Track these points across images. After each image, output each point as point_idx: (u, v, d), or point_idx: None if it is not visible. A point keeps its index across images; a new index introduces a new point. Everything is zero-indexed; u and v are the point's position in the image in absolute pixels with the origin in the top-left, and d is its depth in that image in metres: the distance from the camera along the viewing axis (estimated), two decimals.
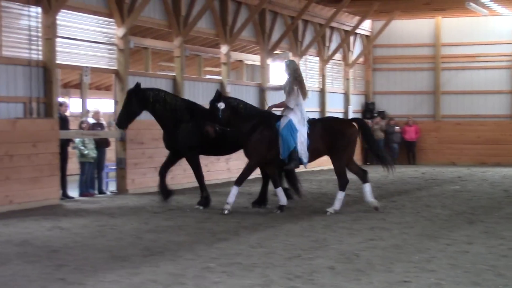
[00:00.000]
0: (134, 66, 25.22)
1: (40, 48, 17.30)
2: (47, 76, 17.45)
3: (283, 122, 15.25)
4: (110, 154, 20.93)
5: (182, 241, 12.14)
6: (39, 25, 17.26)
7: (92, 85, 28.69)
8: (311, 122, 15.65)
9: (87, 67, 19.13)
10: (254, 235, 12.76)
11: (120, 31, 19.80)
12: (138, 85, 16.07)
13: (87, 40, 19.19)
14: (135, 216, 15.13)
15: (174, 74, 22.69)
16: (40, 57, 17.30)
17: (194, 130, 16.15)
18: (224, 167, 23.46)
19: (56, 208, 16.32)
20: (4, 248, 11.30)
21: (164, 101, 16.34)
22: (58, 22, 17.68)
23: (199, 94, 23.87)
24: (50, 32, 17.35)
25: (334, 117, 19.95)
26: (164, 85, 21.98)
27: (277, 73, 29.13)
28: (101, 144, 19.50)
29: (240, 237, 12.61)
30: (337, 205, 15.49)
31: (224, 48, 24.74)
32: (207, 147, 16.47)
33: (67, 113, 20.30)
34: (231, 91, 25.03)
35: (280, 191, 15.77)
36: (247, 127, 15.39)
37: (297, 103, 15.44)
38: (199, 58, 27.18)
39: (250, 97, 26.56)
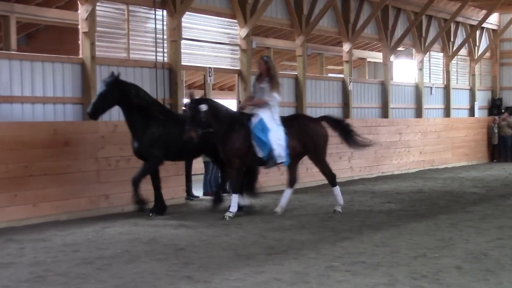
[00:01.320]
0: (256, 66, 25.44)
1: (165, 50, 17.74)
2: (172, 77, 17.90)
3: (254, 121, 14.73)
4: None
5: (306, 239, 12.15)
6: (165, 27, 17.70)
7: (216, 86, 29.12)
8: (284, 121, 15.19)
9: (210, 68, 19.48)
10: (378, 234, 12.66)
11: (242, 32, 20.08)
12: (118, 75, 14.42)
13: (210, 42, 19.56)
14: (259, 215, 15.22)
15: (296, 73, 22.84)
16: (166, 59, 17.74)
17: (164, 135, 14.90)
18: (347, 166, 23.37)
19: (182, 207, 16.61)
20: (133, 246, 11.55)
21: (143, 98, 14.80)
22: (182, 24, 18.08)
23: (321, 93, 23.94)
24: (175, 34, 17.77)
25: (305, 116, 18.44)
26: (286, 84, 22.18)
27: (400, 70, 28.92)
28: None
29: (363, 235, 12.52)
30: (340, 200, 15.56)
31: (346, 46, 24.69)
32: (172, 152, 15.22)
33: None
34: (354, 89, 24.98)
35: (235, 197, 14.85)
36: (223, 129, 14.53)
37: (273, 100, 14.95)
38: (321, 56, 27.25)
39: (373, 95, 26.50)
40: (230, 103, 25.30)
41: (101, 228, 13.36)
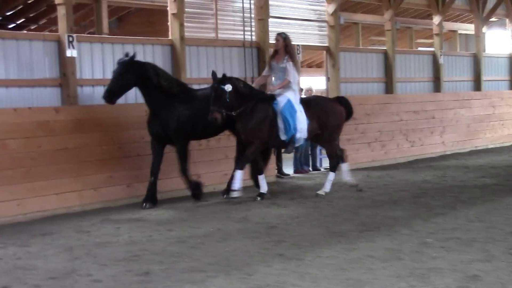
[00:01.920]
0: (344, 42, 25.30)
1: (253, 29, 17.79)
2: (260, 56, 17.90)
3: (281, 102, 14.09)
4: None
5: (398, 216, 12.09)
6: (252, 6, 17.74)
7: (304, 63, 29.09)
8: (301, 102, 14.53)
9: (298, 45, 19.43)
10: (472, 209, 12.52)
11: (330, 8, 19.96)
12: (134, 55, 13.51)
13: (298, 19, 19.51)
14: (350, 192, 15.16)
15: (385, 48, 22.58)
16: (254, 37, 17.78)
17: (192, 115, 14.00)
18: (439, 141, 23.07)
19: (273, 185, 16.62)
20: (225, 225, 11.69)
21: (163, 77, 13.86)
22: (270, 2, 18.06)
23: (411, 67, 23.63)
24: (263, 13, 17.76)
25: (323, 97, 17.77)
26: (376, 60, 22.04)
27: (493, 41, 28.30)
28: None
29: (457, 211, 12.41)
30: (328, 186, 14.76)
31: (436, 19, 24.26)
32: (198, 131, 14.33)
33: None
34: (445, 63, 24.58)
35: (262, 178, 14.51)
36: (248, 109, 13.90)
37: (296, 80, 14.49)
38: (410, 30, 26.87)
39: (464, 68, 26.03)
40: (319, 80, 25.35)
41: (194, 207, 13.56)
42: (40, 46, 13.72)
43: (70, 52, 13.77)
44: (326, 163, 20.15)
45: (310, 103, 14.73)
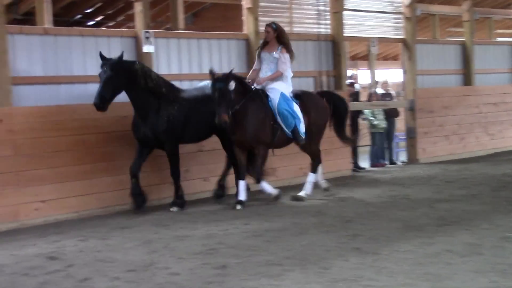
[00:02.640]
0: (421, 34, 24.97)
1: (328, 22, 17.72)
2: (335, 49, 17.85)
3: (274, 97, 13.00)
4: (400, 124, 20.99)
5: (478, 210, 11.90)
6: (327, 3, 17.69)
7: (380, 56, 28.83)
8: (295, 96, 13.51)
9: (374, 38, 19.30)
10: None
11: None
12: (121, 55, 12.36)
13: (373, 11, 19.36)
14: (427, 186, 15.03)
15: (463, 40, 22.26)
16: (329, 31, 17.72)
17: (180, 116, 12.96)
18: None
19: (348, 179, 16.63)
20: (301, 219, 11.67)
21: (150, 77, 12.72)
22: None
23: (490, 58, 23.23)
24: (337, 6, 17.69)
25: (311, 92, 15.19)
26: (453, 52, 21.74)
27: None
28: (391, 114, 19.53)
29: None
30: (309, 189, 13.80)
31: None
32: (188, 134, 13.31)
33: (357, 86, 20.55)
34: None
35: (243, 184, 13.18)
36: (240, 106, 12.70)
37: (289, 73, 13.44)
38: (489, 20, 26.35)
39: None
40: (395, 73, 25.09)
41: (270, 202, 13.56)
42: (118, 43, 13.92)
43: (147, 48, 13.95)
44: (402, 156, 20.06)
45: (302, 97, 13.66)
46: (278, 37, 13.29)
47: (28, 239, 10.70)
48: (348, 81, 18.66)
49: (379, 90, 20.00)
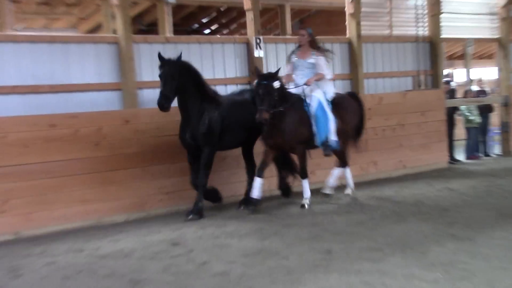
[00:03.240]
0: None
1: (426, 24, 17.58)
2: (433, 50, 17.69)
3: (313, 102, 11.85)
4: (494, 118, 20.62)
5: None
6: (425, 3, 17.54)
7: (475, 55, 28.29)
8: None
9: (470, 38, 19.06)
10: None
11: (502, 0, 19.41)
12: (180, 55, 11.17)
13: (470, 13, 19.07)
14: None
15: None
16: (426, 33, 17.57)
17: (219, 119, 11.65)
18: None
19: (444, 170, 16.38)
20: (400, 208, 11.58)
21: (202, 79, 11.56)
22: None
23: None
24: (435, 9, 17.53)
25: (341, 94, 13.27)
26: None
27: None
28: (485, 110, 19.20)
29: None
30: (351, 183, 13.15)
31: None
32: (227, 139, 11.98)
33: (453, 83, 20.31)
34: None
35: (260, 182, 11.82)
36: (284, 109, 11.55)
37: (330, 76, 12.38)
38: None
39: None
40: (490, 71, 24.58)
41: (371, 192, 13.50)
42: (231, 48, 14.17)
43: (257, 53, 14.14)
44: (497, 149, 19.70)
45: (334, 101, 12.29)
46: (311, 42, 12.14)
47: (154, 227, 10.98)
48: (444, 80, 18.46)
49: (474, 88, 19.73)
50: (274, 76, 11.35)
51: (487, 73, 25.24)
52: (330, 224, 10.47)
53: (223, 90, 13.62)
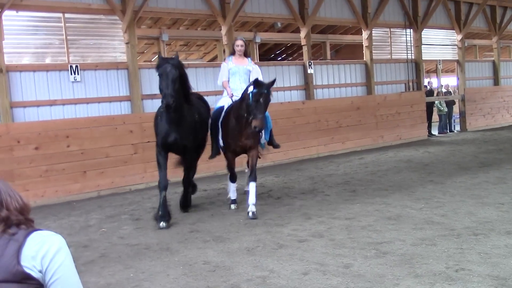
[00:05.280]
0: (467, 56, 23.41)
1: (413, 51, 16.95)
2: (417, 67, 17.01)
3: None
4: (456, 108, 19.97)
5: (503, 158, 11.18)
6: (412, 38, 16.95)
7: (443, 70, 27.22)
8: None
9: (440, 60, 18.38)
10: None
11: (459, 36, 18.61)
12: (177, 55, 7.00)
13: (439, 44, 18.30)
14: (472, 144, 14.27)
15: (492, 59, 20.69)
16: (413, 56, 16.96)
17: (200, 124, 7.48)
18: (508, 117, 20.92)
19: (425, 141, 16.05)
20: (397, 164, 11.46)
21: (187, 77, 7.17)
22: (423, 35, 17.16)
23: (511, 69, 21.48)
24: (418, 42, 16.83)
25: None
26: (487, 66, 20.28)
27: None
28: (450, 103, 18.71)
29: None
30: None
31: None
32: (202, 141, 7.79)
33: (431, 87, 19.73)
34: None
35: (234, 186, 7.83)
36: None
37: None
38: (510, 47, 24.25)
39: None
40: (453, 80, 23.70)
41: (379, 154, 13.28)
42: (294, 68, 14.00)
43: (310, 71, 13.97)
44: (457, 127, 19.09)
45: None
46: (245, 51, 7.95)
47: None
48: (424, 85, 17.91)
49: (444, 89, 19.15)
50: (272, 85, 6.88)
51: (450, 81, 24.36)
52: (355, 173, 10.42)
53: (288, 95, 13.53)
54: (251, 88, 6.89)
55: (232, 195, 7.82)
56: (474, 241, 5.26)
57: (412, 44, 16.99)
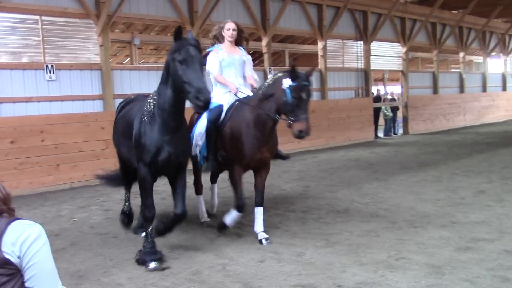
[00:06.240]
0: (411, 67, 24.04)
1: (362, 61, 17.23)
2: (366, 76, 17.32)
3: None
4: (399, 114, 20.42)
5: (440, 159, 11.38)
6: (361, 49, 17.21)
7: (389, 79, 27.83)
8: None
9: (386, 69, 18.75)
10: (482, 154, 11.53)
11: (403, 49, 19.03)
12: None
13: (386, 55, 18.68)
14: (414, 146, 14.53)
15: (433, 70, 21.27)
16: (363, 66, 17.25)
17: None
18: (462, 119, 21.63)
19: (372, 143, 16.26)
20: (347, 162, 11.47)
21: None
22: (371, 47, 17.45)
23: (446, 79, 22.15)
24: (367, 53, 17.15)
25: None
26: (428, 76, 20.84)
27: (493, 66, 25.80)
28: (395, 109, 18.97)
29: (472, 156, 11.48)
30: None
31: (461, 54, 22.47)
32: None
33: (378, 94, 20.10)
34: (467, 78, 22.82)
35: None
36: None
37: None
38: (447, 60, 24.97)
39: (478, 81, 23.98)
40: (397, 88, 24.26)
41: (331, 154, 13.34)
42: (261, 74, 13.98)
43: (269, 76, 13.97)
44: (401, 131, 19.50)
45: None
46: (240, 38, 5.75)
47: None
48: (372, 92, 18.23)
49: (389, 96, 19.51)
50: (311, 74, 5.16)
51: (395, 89, 24.90)
52: (308, 171, 10.40)
53: None
54: (286, 81, 4.78)
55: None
56: (413, 233, 5.37)
57: (362, 55, 17.26)
